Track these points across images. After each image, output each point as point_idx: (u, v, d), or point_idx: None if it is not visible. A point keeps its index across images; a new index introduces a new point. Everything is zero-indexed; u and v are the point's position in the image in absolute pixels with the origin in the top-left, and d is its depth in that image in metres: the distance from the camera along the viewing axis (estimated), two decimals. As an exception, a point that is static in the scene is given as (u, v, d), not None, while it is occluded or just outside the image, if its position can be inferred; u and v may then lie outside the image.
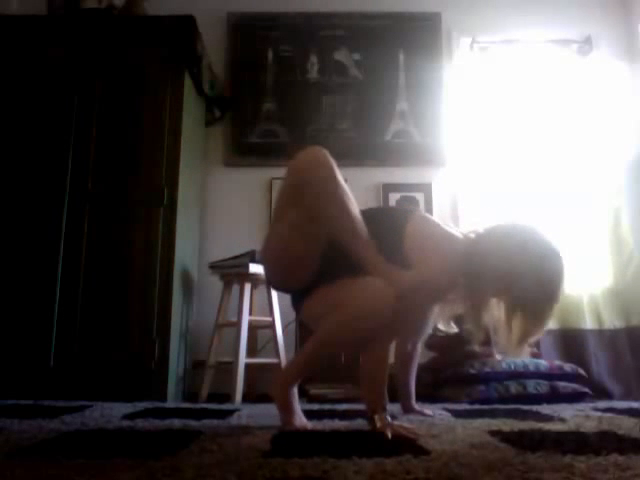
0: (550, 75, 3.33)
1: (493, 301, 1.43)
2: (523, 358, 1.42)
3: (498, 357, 1.49)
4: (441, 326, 1.45)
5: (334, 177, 1.35)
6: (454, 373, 2.45)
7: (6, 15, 2.79)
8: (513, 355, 1.40)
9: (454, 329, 1.48)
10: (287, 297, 2.67)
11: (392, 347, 1.75)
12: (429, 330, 1.77)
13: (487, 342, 1.46)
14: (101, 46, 2.69)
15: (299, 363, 1.47)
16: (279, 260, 1.50)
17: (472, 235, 1.48)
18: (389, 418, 1.36)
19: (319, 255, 1.45)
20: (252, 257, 2.53)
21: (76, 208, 2.51)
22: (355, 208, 1.39)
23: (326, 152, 1.38)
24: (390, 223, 1.49)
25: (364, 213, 1.44)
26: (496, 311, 1.42)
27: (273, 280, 1.59)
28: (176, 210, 2.53)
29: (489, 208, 3.17)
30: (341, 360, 2.62)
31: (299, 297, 1.54)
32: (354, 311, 1.35)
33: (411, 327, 1.70)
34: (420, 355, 1.90)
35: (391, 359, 1.57)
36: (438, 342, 2.45)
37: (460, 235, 1.49)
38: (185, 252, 2.69)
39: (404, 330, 1.68)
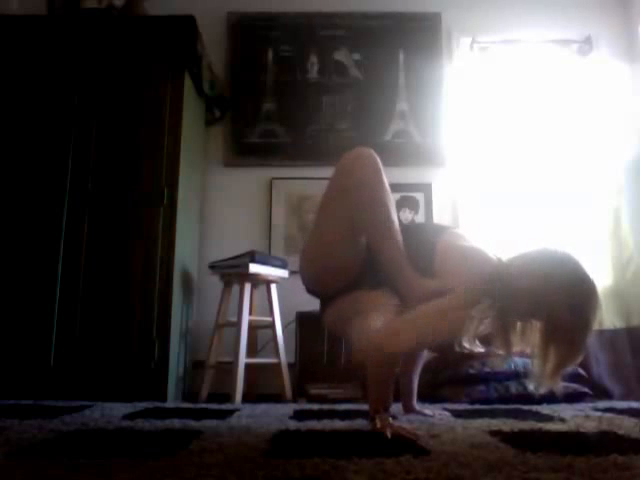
0: (550, 75, 3.32)
1: (527, 326, 1.38)
2: (554, 387, 1.37)
3: (531, 388, 1.44)
4: (466, 344, 1.44)
5: (382, 181, 1.39)
6: (454, 373, 2.45)
7: (6, 15, 2.79)
8: (547, 386, 1.37)
9: (479, 348, 1.46)
10: (287, 297, 2.71)
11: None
12: None
13: (487, 343, 1.45)
14: (101, 46, 2.69)
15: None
16: (317, 262, 1.52)
17: (504, 258, 1.44)
18: (390, 419, 1.36)
19: (358, 261, 1.47)
20: (252, 257, 2.53)
21: (76, 208, 2.51)
22: (395, 215, 1.42)
23: (375, 154, 1.40)
24: (423, 238, 1.50)
25: (400, 227, 1.46)
26: (532, 337, 1.38)
27: (308, 281, 1.60)
28: (176, 210, 2.53)
29: (489, 208, 3.17)
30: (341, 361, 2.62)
31: (325, 303, 1.58)
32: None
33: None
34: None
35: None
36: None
37: (492, 255, 1.45)
38: (185, 252, 2.69)
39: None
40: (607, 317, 2.80)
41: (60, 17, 2.87)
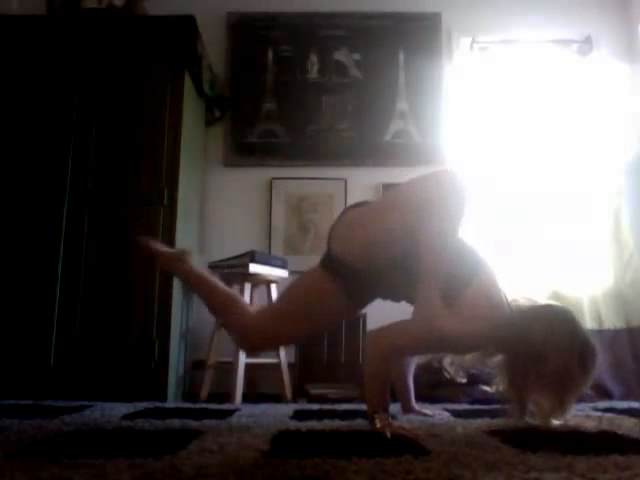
0: (550, 75, 3.32)
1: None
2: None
3: (530, 421, 1.52)
4: (450, 369, 1.46)
5: (461, 219, 1.45)
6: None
7: (6, 15, 2.79)
8: (541, 424, 1.45)
9: (461, 379, 1.49)
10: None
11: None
12: None
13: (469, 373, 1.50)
14: (101, 46, 2.69)
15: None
16: (357, 239, 1.53)
17: (514, 305, 1.48)
18: (390, 419, 1.36)
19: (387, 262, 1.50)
20: (252, 257, 2.53)
21: (76, 208, 2.51)
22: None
23: (470, 189, 1.46)
24: (462, 266, 1.46)
25: None
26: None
27: (334, 244, 1.58)
28: (176, 210, 2.53)
29: (489, 208, 3.16)
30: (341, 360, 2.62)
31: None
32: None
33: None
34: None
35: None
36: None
37: (506, 304, 1.46)
38: (185, 252, 2.69)
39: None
40: (607, 318, 2.80)
41: (60, 17, 2.86)
